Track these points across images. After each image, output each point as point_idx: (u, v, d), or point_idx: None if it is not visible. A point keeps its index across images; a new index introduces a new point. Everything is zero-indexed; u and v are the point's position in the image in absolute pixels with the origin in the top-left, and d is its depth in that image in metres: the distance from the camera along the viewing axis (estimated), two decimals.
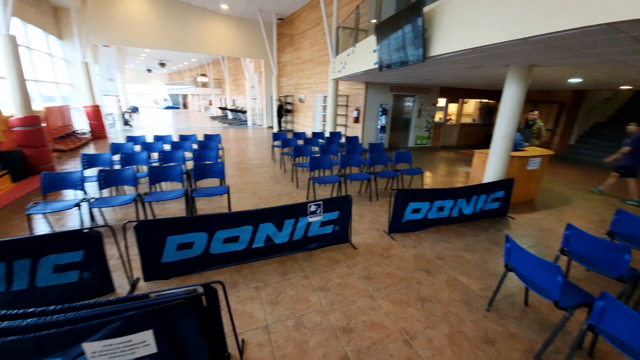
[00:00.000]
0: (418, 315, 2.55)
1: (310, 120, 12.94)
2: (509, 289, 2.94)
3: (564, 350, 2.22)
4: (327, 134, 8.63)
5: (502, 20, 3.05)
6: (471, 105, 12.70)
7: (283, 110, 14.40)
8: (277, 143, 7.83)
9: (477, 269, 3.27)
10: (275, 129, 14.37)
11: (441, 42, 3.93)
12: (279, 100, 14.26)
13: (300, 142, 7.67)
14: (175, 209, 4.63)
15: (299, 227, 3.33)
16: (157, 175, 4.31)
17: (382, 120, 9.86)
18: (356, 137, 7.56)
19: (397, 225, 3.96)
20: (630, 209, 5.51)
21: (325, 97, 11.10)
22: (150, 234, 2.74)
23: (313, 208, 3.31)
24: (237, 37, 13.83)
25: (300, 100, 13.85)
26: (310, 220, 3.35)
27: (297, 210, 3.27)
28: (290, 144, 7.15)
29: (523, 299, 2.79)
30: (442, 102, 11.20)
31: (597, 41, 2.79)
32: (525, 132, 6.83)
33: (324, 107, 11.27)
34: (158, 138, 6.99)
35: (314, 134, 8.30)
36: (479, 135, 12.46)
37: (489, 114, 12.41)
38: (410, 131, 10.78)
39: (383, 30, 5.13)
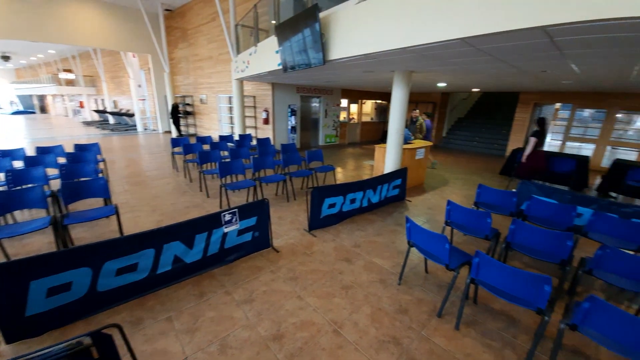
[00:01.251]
0: (343, 304, 2.68)
1: (216, 123, 12.08)
2: (413, 261, 3.41)
3: (457, 303, 2.70)
4: (236, 137, 8.21)
5: (386, 31, 3.47)
6: (369, 106, 14.23)
7: (181, 112, 12.92)
8: (178, 149, 6.98)
9: (388, 250, 3.67)
10: (174, 134, 12.83)
11: (338, 47, 4.22)
12: (175, 101, 12.77)
13: (206, 147, 7.05)
14: (40, 243, 3.57)
15: (214, 240, 3.04)
16: (5, 203, 3.22)
17: (292, 121, 10.03)
18: (267, 139, 7.44)
19: (316, 222, 4.08)
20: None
21: (230, 97, 10.54)
22: (2, 283, 2.01)
23: (228, 217, 3.07)
24: (113, 27, 11.62)
25: (202, 101, 12.76)
26: (226, 230, 3.10)
27: (210, 222, 2.97)
28: (195, 150, 6.49)
29: (424, 268, 3.28)
30: (344, 102, 12.17)
31: (455, 53, 3.49)
32: (410, 127, 8.08)
33: (230, 109, 10.70)
34: (3, 153, 5.25)
35: (222, 137, 7.77)
36: (377, 131, 14.10)
37: (383, 113, 14.19)
38: (319, 130, 11.32)
39: (283, 32, 5.17)
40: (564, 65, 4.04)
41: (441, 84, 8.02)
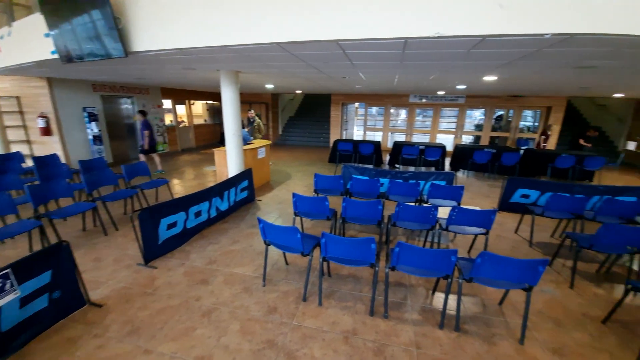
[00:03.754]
0: (208, 332, 2.35)
1: None
2: (273, 258, 3.46)
3: (317, 282, 2.96)
4: None
5: (203, 26, 3.17)
6: (200, 107, 13.15)
7: None
8: None
9: (247, 255, 3.54)
10: None
11: (145, 38, 3.51)
12: None
13: None
14: None
15: None
16: None
17: (94, 128, 7.69)
18: (54, 156, 5.36)
19: (154, 250, 3.35)
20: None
21: None
22: None
23: None
24: None
25: None
26: None
27: None
28: None
29: (284, 261, 3.40)
30: (167, 103, 10.61)
31: (275, 56, 3.70)
32: (249, 128, 8.16)
33: None
34: None
35: None
36: (214, 134, 13.31)
37: (217, 114, 13.51)
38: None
39: (57, 10, 3.74)
40: (356, 74, 5.21)
41: (269, 85, 8.50)
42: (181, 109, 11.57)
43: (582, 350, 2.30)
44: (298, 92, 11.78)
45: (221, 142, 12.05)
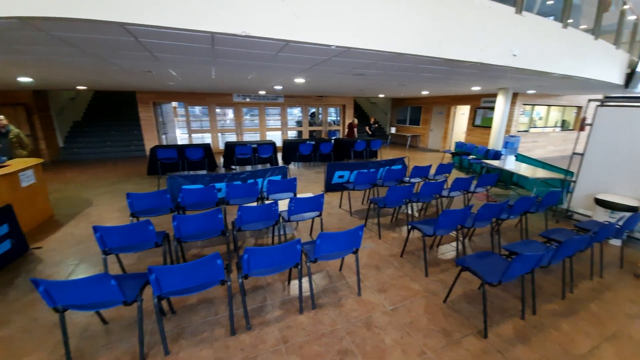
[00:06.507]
0: None
1: None
2: (80, 323, 2.45)
3: (157, 329, 2.34)
4: None
5: None
6: None
7: None
8: None
9: (31, 337, 2.31)
10: None
11: None
12: None
13: None
14: None
15: None
16: None
17: None
18: None
19: None
20: None
21: None
22: None
23: None
24: None
25: None
26: None
27: None
28: None
29: (100, 321, 2.48)
30: None
31: (23, 36, 2.47)
32: (2, 143, 5.30)
33: None
34: None
35: None
36: None
37: None
38: None
39: None
40: (163, 68, 4.44)
41: (25, 79, 5.86)
42: None
43: (394, 282, 3.10)
44: (81, 88, 8.89)
45: None
